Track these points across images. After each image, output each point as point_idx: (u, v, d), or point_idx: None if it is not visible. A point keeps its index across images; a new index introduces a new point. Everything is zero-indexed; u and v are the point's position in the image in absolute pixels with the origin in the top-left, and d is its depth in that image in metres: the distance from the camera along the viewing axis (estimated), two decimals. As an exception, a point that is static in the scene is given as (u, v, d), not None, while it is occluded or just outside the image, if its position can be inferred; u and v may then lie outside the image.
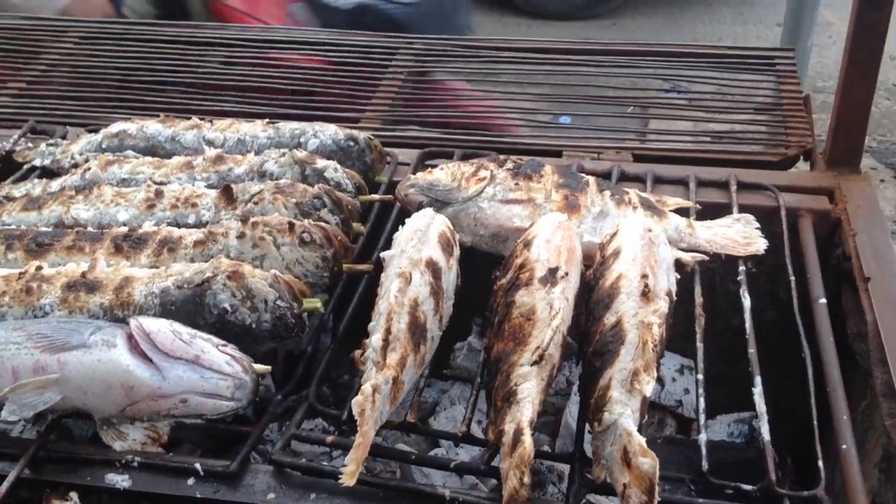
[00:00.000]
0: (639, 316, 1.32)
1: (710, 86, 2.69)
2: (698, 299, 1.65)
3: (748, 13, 7.74)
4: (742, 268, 1.75)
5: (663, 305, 1.35)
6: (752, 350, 1.55)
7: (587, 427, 1.38)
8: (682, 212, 1.89)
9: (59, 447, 1.42)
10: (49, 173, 2.14)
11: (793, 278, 1.75)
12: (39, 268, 1.58)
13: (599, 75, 2.73)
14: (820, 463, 1.34)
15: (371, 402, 1.24)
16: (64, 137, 2.31)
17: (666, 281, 1.43)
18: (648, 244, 1.44)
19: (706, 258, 1.74)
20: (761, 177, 2.08)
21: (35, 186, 2.02)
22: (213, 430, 1.52)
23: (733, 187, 2.01)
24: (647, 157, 2.26)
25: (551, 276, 1.38)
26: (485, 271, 1.63)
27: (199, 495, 1.34)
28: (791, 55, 2.73)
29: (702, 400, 1.45)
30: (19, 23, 3.17)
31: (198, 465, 1.36)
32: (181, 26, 3.10)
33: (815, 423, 1.42)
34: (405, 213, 1.91)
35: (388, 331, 1.34)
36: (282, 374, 1.73)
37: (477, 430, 1.70)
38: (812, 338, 1.63)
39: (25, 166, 2.18)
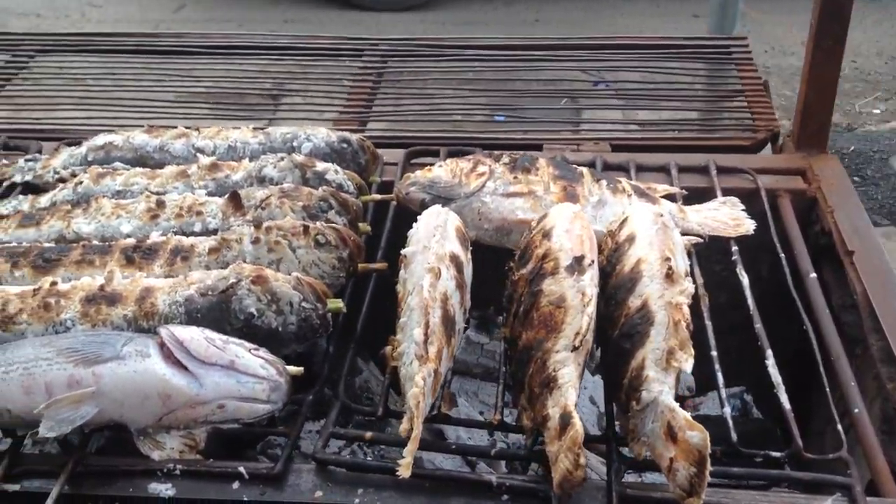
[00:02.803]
0: (665, 297, 1.38)
1: (672, 75, 2.79)
2: (699, 280, 1.72)
3: (665, 6, 7.96)
4: (735, 247, 1.83)
5: (689, 286, 1.41)
6: (758, 325, 1.63)
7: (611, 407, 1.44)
8: (669, 197, 1.96)
9: (97, 461, 1.41)
10: (31, 189, 2.11)
11: (782, 255, 1.85)
12: (54, 283, 1.56)
13: (568, 69, 2.82)
14: (839, 426, 1.42)
15: (422, 395, 1.27)
16: (40, 152, 2.27)
17: (683, 263, 1.49)
18: (662, 228, 1.51)
19: (701, 241, 1.81)
20: (737, 161, 2.18)
21: (22, 202, 1.99)
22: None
23: (713, 172, 2.10)
24: (625, 146, 2.34)
25: (577, 265, 1.43)
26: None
27: (245, 498, 1.35)
28: (746, 43, 2.84)
29: (720, 375, 1.52)
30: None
31: (242, 469, 1.37)
32: (140, 36, 3.06)
33: (827, 390, 1.51)
34: (403, 212, 1.95)
35: (426, 325, 1.37)
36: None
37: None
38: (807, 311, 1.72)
39: (5, 183, 2.13)
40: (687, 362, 1.29)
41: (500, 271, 1.75)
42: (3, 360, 1.40)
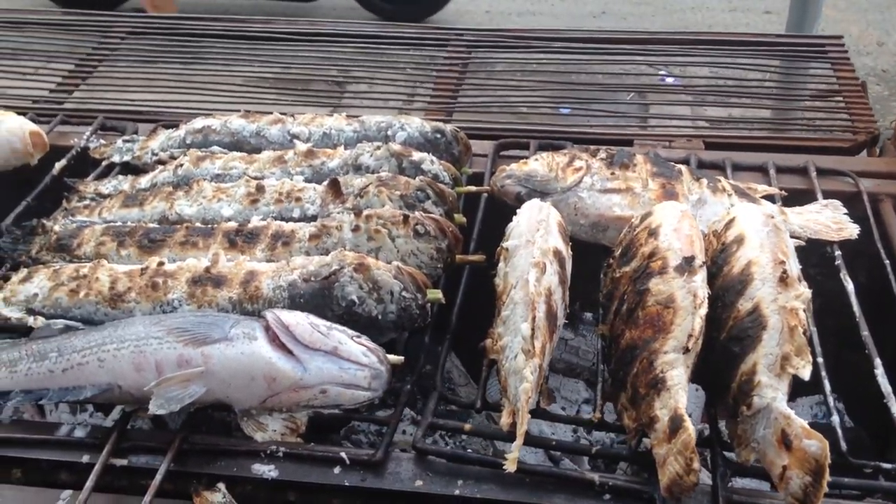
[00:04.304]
0: (779, 301, 1.35)
1: (760, 73, 2.73)
2: (802, 284, 1.68)
3: (736, 1, 7.78)
4: (838, 252, 1.78)
5: (806, 291, 1.38)
6: (865, 333, 1.59)
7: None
8: (768, 198, 1.92)
9: (201, 439, 1.44)
10: (129, 169, 2.15)
11: (887, 262, 1.79)
12: (161, 263, 1.59)
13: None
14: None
15: (532, 389, 1.27)
16: (136, 133, 2.31)
17: (797, 267, 1.46)
18: (774, 230, 1.47)
19: (803, 243, 1.77)
20: (837, 162, 2.12)
21: (122, 183, 2.03)
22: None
23: (813, 173, 2.04)
24: (719, 144, 2.29)
25: (688, 265, 1.40)
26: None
27: (346, 483, 1.36)
28: (842, 42, 2.77)
29: (826, 382, 1.48)
30: (61, 18, 3.17)
31: (343, 454, 1.39)
32: (227, 20, 3.10)
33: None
34: (493, 204, 1.94)
35: (533, 319, 1.36)
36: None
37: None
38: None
39: (104, 163, 2.18)
40: (805, 368, 1.26)
41: (587, 268, 1.73)
42: (115, 336, 1.44)
